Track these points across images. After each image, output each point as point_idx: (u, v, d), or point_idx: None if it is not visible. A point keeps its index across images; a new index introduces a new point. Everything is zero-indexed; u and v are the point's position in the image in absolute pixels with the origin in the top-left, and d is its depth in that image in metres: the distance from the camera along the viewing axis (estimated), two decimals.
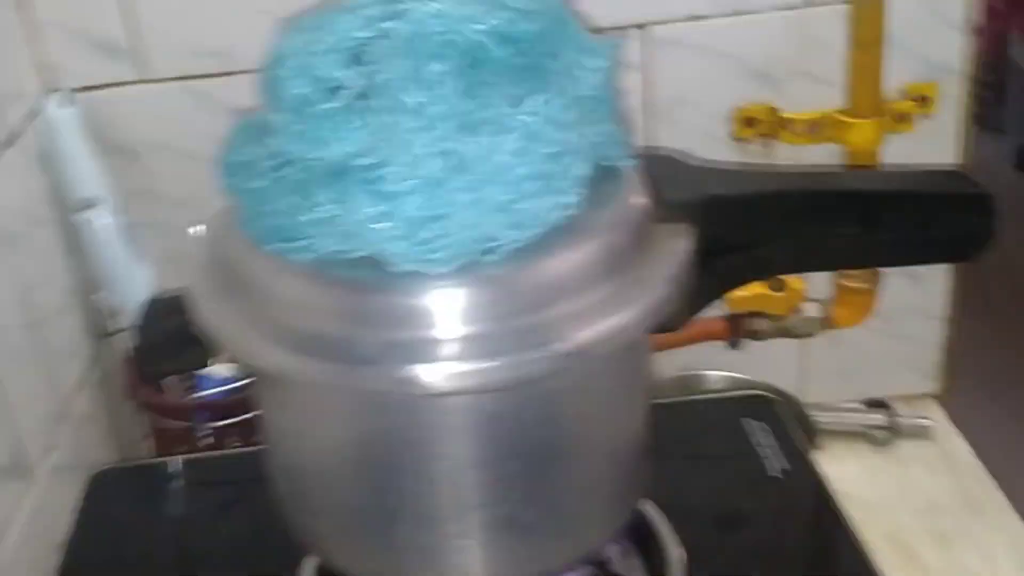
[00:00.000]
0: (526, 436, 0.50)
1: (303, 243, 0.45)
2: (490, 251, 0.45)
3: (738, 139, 0.83)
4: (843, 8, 0.74)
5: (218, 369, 0.87)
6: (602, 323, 0.47)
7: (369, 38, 0.46)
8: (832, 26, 0.78)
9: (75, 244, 0.83)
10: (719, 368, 0.91)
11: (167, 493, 0.78)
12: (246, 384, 0.83)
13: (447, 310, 0.46)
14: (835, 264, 0.65)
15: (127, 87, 0.83)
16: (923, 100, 0.80)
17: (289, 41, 0.48)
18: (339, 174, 0.44)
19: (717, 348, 0.87)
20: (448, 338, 0.46)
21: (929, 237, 0.56)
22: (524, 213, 0.44)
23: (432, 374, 0.45)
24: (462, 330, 0.46)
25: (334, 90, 0.46)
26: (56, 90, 0.81)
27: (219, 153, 0.52)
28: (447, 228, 0.43)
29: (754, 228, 0.54)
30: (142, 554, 0.69)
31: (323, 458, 0.53)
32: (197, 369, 0.67)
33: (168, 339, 0.54)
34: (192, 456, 0.82)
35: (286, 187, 0.45)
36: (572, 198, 0.46)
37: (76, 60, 0.81)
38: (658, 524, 0.64)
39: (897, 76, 0.79)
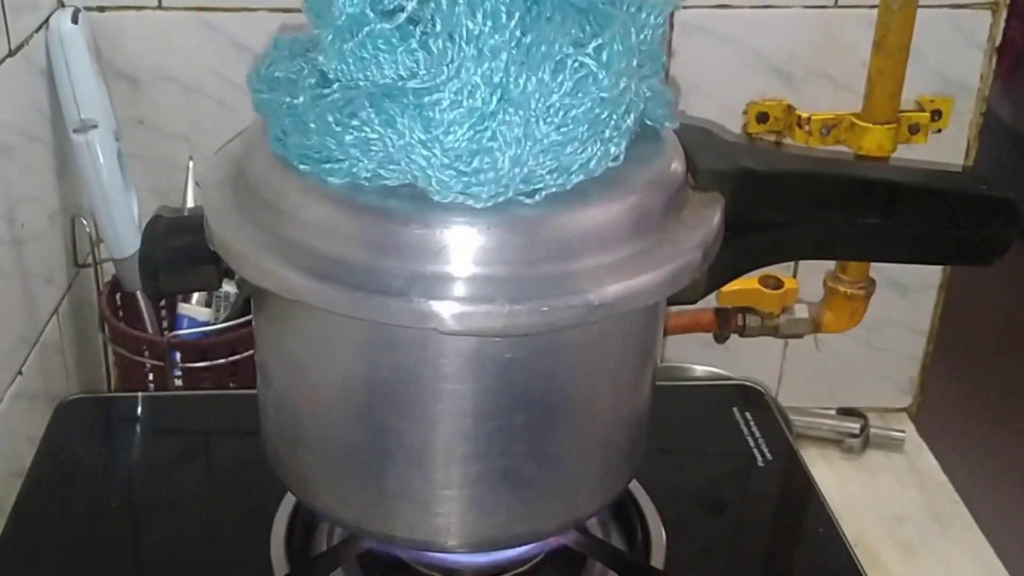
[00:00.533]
0: (535, 388, 0.50)
1: (340, 165, 0.44)
2: (531, 194, 0.44)
3: (750, 134, 0.83)
4: (870, 12, 0.74)
5: (196, 311, 0.86)
6: (630, 279, 0.46)
7: None
8: (857, 29, 0.79)
9: (65, 166, 0.81)
10: (699, 362, 0.91)
11: (133, 428, 0.77)
12: (224, 328, 0.82)
13: (476, 248, 0.45)
14: (854, 254, 0.66)
15: (139, 12, 0.81)
16: (937, 114, 0.81)
17: None
18: (387, 96, 0.43)
19: (698, 342, 0.87)
20: (473, 276, 0.45)
21: (949, 236, 0.57)
22: (570, 157, 0.44)
23: (453, 311, 0.44)
24: (489, 270, 0.45)
25: (389, 12, 0.45)
26: (67, 6, 0.79)
27: (255, 66, 0.51)
28: (493, 162, 0.43)
29: (781, 207, 0.54)
30: (101, 492, 0.67)
31: (322, 392, 0.52)
32: (207, 289, 0.66)
33: (177, 257, 0.53)
34: (161, 394, 0.81)
35: (329, 105, 0.44)
36: (617, 149, 0.46)
37: None
38: (642, 502, 0.64)
39: (913, 87, 0.79)
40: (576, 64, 0.43)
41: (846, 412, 0.92)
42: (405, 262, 0.45)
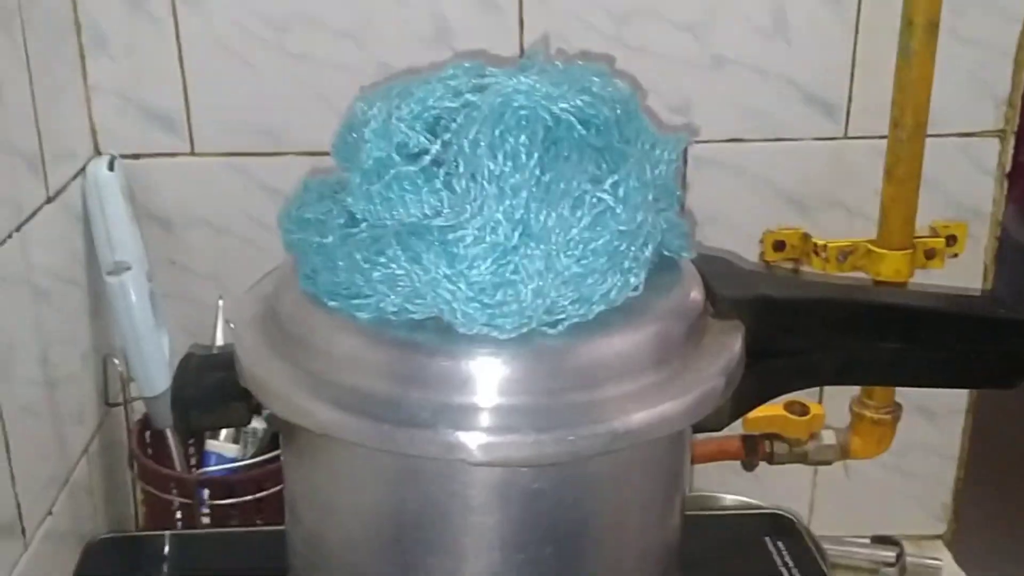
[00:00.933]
0: (563, 519, 0.49)
1: (368, 300, 0.45)
2: (554, 324, 0.45)
3: (767, 262, 0.84)
4: (880, 143, 0.77)
5: (224, 448, 0.86)
6: (654, 407, 0.47)
7: (451, 108, 0.48)
8: (868, 159, 0.81)
9: (98, 307, 0.83)
10: (728, 491, 0.90)
11: (160, 567, 0.76)
12: (251, 464, 0.82)
13: (501, 379, 0.46)
14: (876, 379, 0.66)
15: (172, 158, 0.84)
16: (952, 239, 0.82)
17: (371, 106, 0.49)
18: (413, 234, 0.44)
19: (726, 471, 0.87)
20: (499, 407, 0.46)
21: (970, 359, 0.57)
22: (591, 288, 0.45)
23: (479, 442, 0.45)
24: (514, 400, 0.46)
25: (414, 155, 0.47)
26: (104, 154, 0.82)
27: (285, 208, 0.53)
28: (516, 294, 0.44)
29: (800, 333, 0.55)
30: None
31: (351, 527, 0.52)
32: (238, 425, 0.67)
33: (208, 394, 0.54)
34: (189, 532, 0.80)
35: (357, 244, 0.46)
36: (637, 279, 0.47)
37: (126, 127, 0.83)
38: None
39: (928, 213, 0.81)
40: (594, 200, 0.45)
41: (880, 540, 0.91)
42: (432, 394, 0.46)
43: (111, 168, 0.81)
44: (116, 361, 0.85)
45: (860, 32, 0.80)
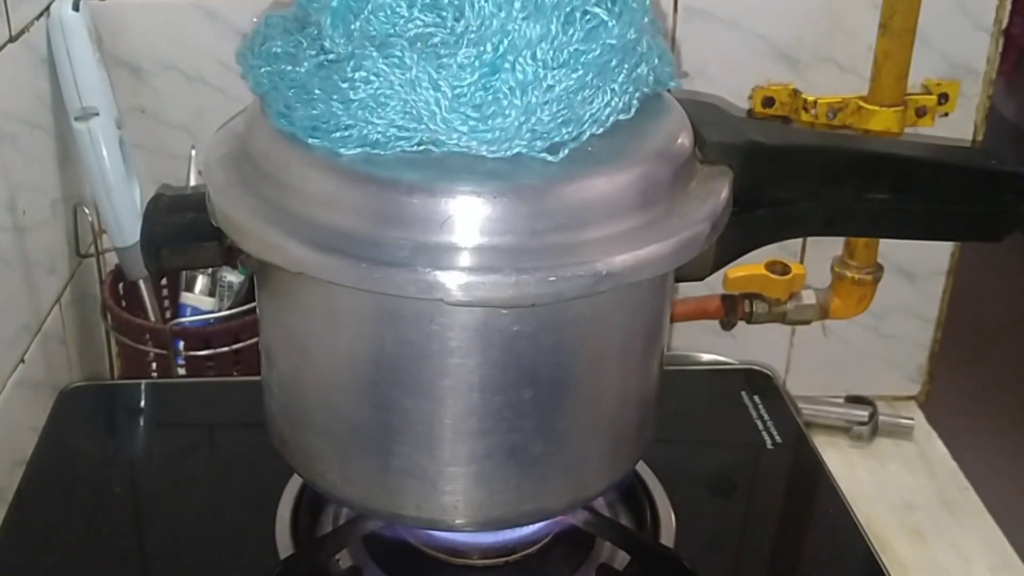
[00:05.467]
0: (543, 362, 0.49)
1: (350, 132, 0.44)
2: (553, 150, 0.44)
3: (757, 118, 0.82)
4: None
5: (200, 300, 0.85)
6: (639, 249, 0.46)
7: None
8: (862, 13, 0.78)
9: (67, 154, 0.81)
10: (706, 350, 0.90)
11: (136, 416, 0.76)
12: (227, 316, 0.82)
13: (482, 218, 0.45)
14: (863, 230, 0.65)
15: (140, 0, 0.80)
16: (944, 97, 0.81)
17: None
18: (394, 45, 0.42)
19: (705, 330, 0.86)
20: (480, 247, 0.45)
21: (959, 211, 0.56)
22: (581, 107, 0.44)
23: (459, 281, 0.44)
24: (495, 240, 0.45)
25: None
26: None
27: (247, 44, 0.50)
28: (501, 108, 0.42)
29: (789, 181, 0.54)
30: (103, 480, 0.67)
31: (327, 369, 0.51)
32: (210, 266, 0.66)
33: (179, 233, 0.52)
34: (164, 381, 0.80)
35: (335, 67, 0.44)
36: (629, 100, 0.45)
37: None
38: (651, 485, 0.63)
39: (920, 71, 0.79)
40: (587, 15, 0.43)
41: (854, 400, 0.92)
42: (410, 233, 0.45)
43: (76, 8, 0.77)
44: (87, 211, 0.83)
45: None
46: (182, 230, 0.52)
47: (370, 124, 0.43)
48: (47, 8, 0.77)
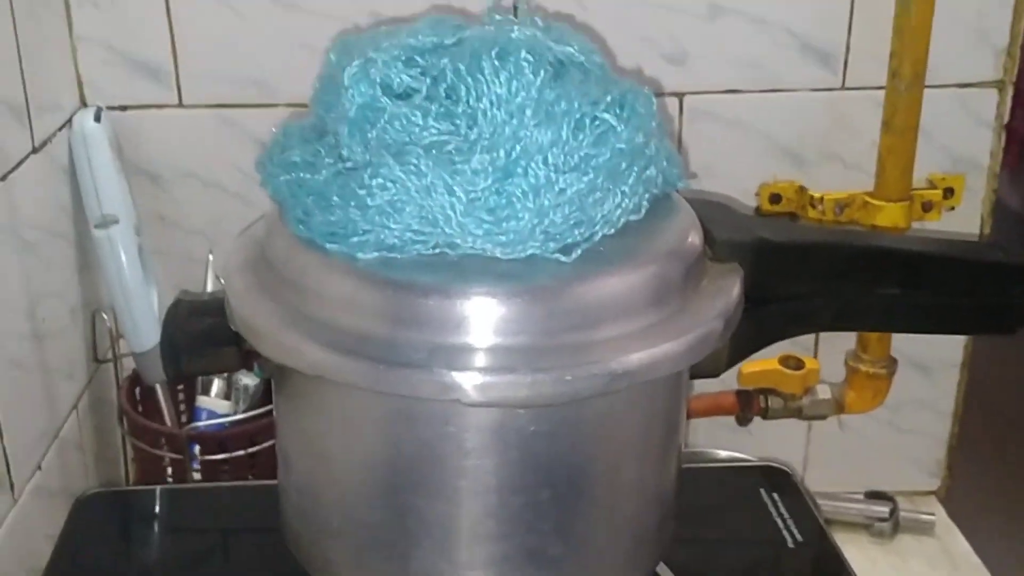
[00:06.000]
0: (560, 462, 0.49)
1: (367, 237, 0.45)
2: (566, 251, 0.45)
3: (764, 215, 0.83)
4: (877, 93, 0.76)
5: (215, 403, 0.85)
6: (652, 348, 0.46)
7: (433, 49, 0.47)
8: (865, 110, 0.80)
9: (87, 262, 0.82)
10: (723, 447, 0.90)
11: (152, 523, 0.76)
12: (243, 419, 0.82)
13: (497, 319, 0.45)
14: (873, 324, 0.65)
15: (160, 110, 0.83)
16: (949, 191, 0.82)
17: (346, 52, 0.49)
18: (410, 153, 0.43)
19: (721, 427, 0.86)
20: (495, 347, 0.45)
21: (969, 305, 0.56)
22: (593, 208, 0.45)
23: (475, 382, 0.44)
24: (510, 340, 0.45)
25: (400, 95, 0.46)
26: (90, 106, 0.81)
27: (266, 153, 0.52)
28: (514, 211, 0.43)
29: (798, 277, 0.54)
30: None
31: (344, 472, 0.52)
32: (228, 371, 0.66)
33: (199, 339, 0.53)
34: (180, 487, 0.80)
35: (352, 174, 0.45)
36: (639, 201, 0.46)
37: (113, 79, 0.82)
38: None
39: (925, 166, 0.80)
40: (596, 121, 0.44)
41: (874, 496, 0.91)
42: (426, 334, 0.45)
43: (97, 119, 0.79)
44: (105, 316, 0.84)
45: None
46: (201, 336, 0.53)
47: (387, 229, 0.44)
48: (69, 119, 0.80)
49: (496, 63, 0.44)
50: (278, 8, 0.80)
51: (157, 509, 0.76)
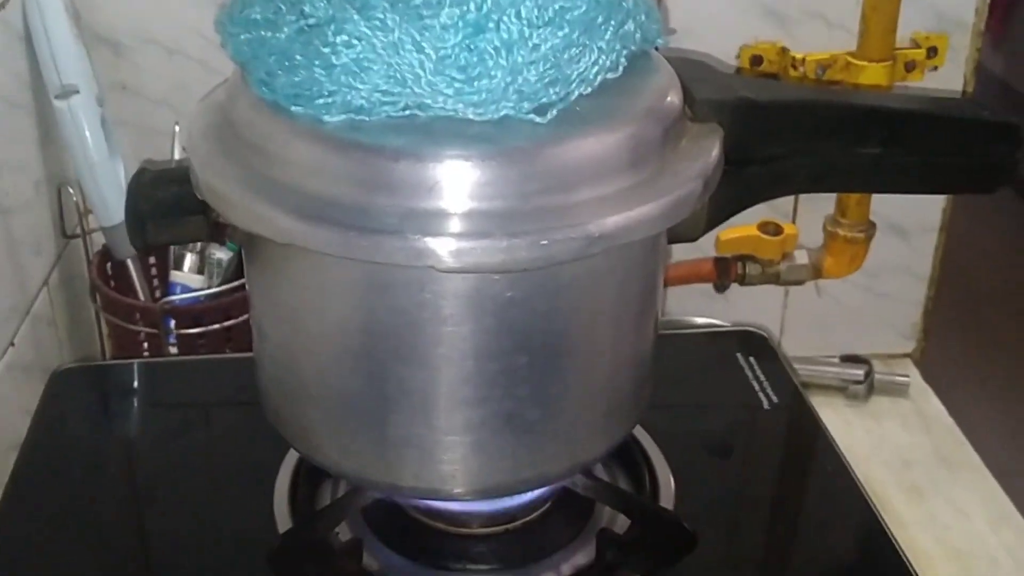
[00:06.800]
0: (537, 328, 0.49)
1: (333, 98, 0.43)
2: (541, 111, 0.43)
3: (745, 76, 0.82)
4: None
5: (189, 278, 0.84)
6: (630, 210, 0.45)
7: None
8: None
9: (49, 134, 0.80)
10: (701, 314, 0.90)
11: (129, 396, 0.76)
12: (217, 292, 0.81)
13: (471, 183, 0.44)
14: (854, 185, 0.64)
15: None
16: (933, 51, 0.80)
17: None
18: (376, 7, 0.41)
19: (698, 294, 0.86)
20: (470, 212, 0.44)
21: (951, 164, 0.55)
22: (569, 66, 0.43)
23: (449, 247, 0.43)
24: (485, 204, 0.44)
25: None
26: None
27: (226, 11, 0.49)
28: (486, 69, 0.42)
29: (779, 137, 0.53)
30: (98, 461, 0.66)
31: (319, 340, 0.51)
32: (196, 240, 0.65)
33: (165, 208, 0.52)
34: (156, 360, 0.79)
35: (316, 31, 0.43)
36: (617, 59, 0.45)
37: None
38: (649, 448, 0.63)
39: (908, 25, 0.78)
40: None
41: (849, 359, 0.92)
42: (399, 199, 0.44)
43: None
44: (71, 190, 0.82)
45: None
46: (167, 204, 0.51)
47: (354, 89, 0.43)
48: None
49: None
50: None
51: (134, 383, 0.76)
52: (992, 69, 2.44)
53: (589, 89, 0.46)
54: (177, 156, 0.82)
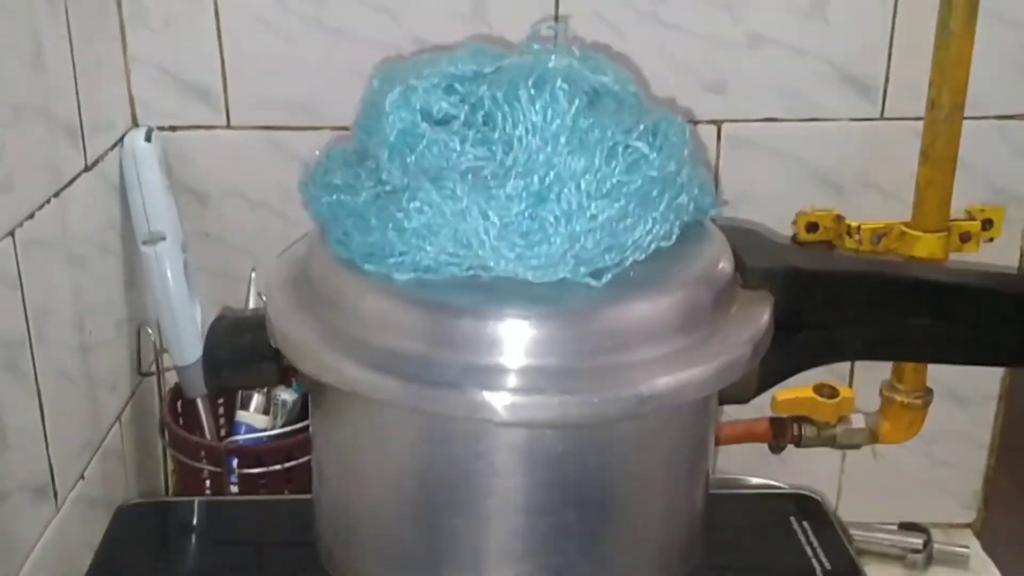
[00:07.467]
0: (587, 484, 0.50)
1: (403, 258, 0.46)
2: (597, 275, 0.46)
3: (800, 243, 0.84)
4: (916, 124, 0.76)
5: (254, 418, 0.87)
6: (679, 373, 0.47)
7: (471, 77, 0.49)
8: (904, 140, 0.80)
9: (134, 277, 0.84)
10: (755, 474, 0.90)
11: (189, 534, 0.77)
12: (281, 434, 0.83)
13: (528, 340, 0.46)
14: (905, 354, 0.65)
15: (209, 131, 0.85)
16: (988, 223, 0.81)
17: (388, 78, 0.50)
18: (448, 178, 0.45)
19: (754, 454, 0.86)
20: (527, 368, 0.46)
21: (1004, 337, 0.56)
22: (624, 235, 0.45)
23: (505, 402, 0.45)
24: (541, 362, 0.46)
25: (439, 121, 0.47)
26: (141, 126, 0.83)
27: (309, 174, 0.53)
28: (546, 235, 0.44)
29: (830, 306, 0.55)
30: None
31: (377, 487, 0.52)
32: (267, 385, 0.68)
33: (240, 354, 0.54)
34: (218, 499, 0.81)
35: (390, 197, 0.46)
36: (670, 228, 0.47)
37: (164, 100, 0.84)
38: None
39: (964, 197, 0.80)
40: (629, 149, 0.45)
41: (908, 527, 0.90)
42: (460, 354, 0.46)
43: (148, 139, 0.82)
44: (150, 331, 0.86)
45: (898, 11, 0.80)
46: (242, 350, 0.54)
47: (422, 251, 0.46)
48: (121, 139, 0.82)
49: (532, 91, 0.45)
50: (326, 34, 0.82)
51: (195, 520, 0.77)
52: None
53: (643, 255, 0.48)
54: (252, 301, 0.86)
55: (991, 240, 0.83)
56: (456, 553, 0.51)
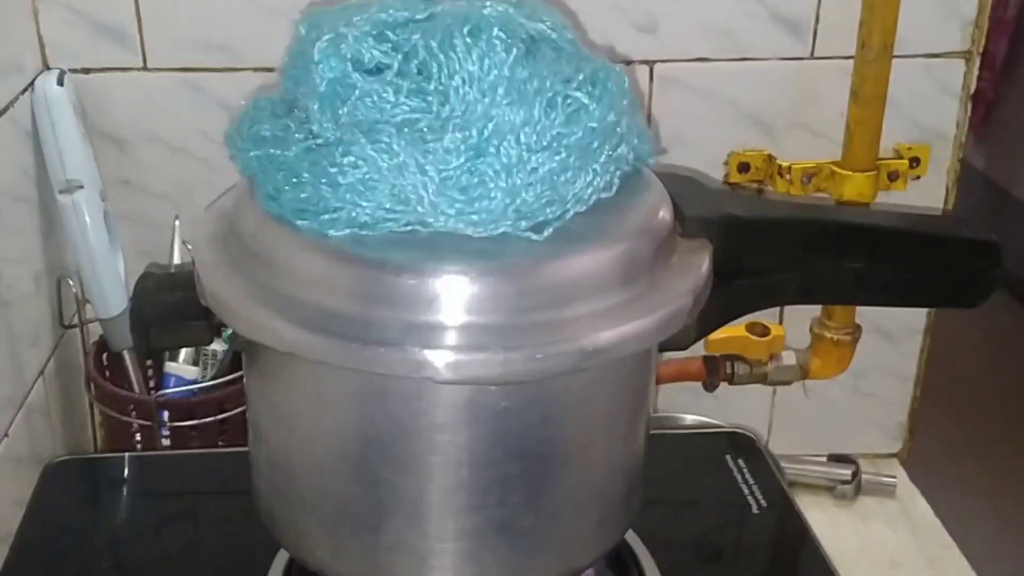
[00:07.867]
0: (530, 437, 0.50)
1: (338, 214, 0.44)
2: (538, 228, 0.45)
3: (731, 183, 0.84)
4: (846, 63, 0.76)
5: (184, 370, 0.85)
6: (623, 326, 0.47)
7: (404, 24, 0.47)
8: (834, 80, 0.80)
9: (51, 227, 0.81)
10: (689, 412, 0.91)
11: (121, 489, 0.76)
12: (212, 386, 0.82)
13: (469, 297, 0.45)
14: (839, 298, 0.66)
15: (125, 73, 0.81)
16: (915, 161, 0.82)
17: (315, 25, 0.48)
18: (381, 131, 0.43)
19: (687, 392, 0.87)
20: (467, 325, 0.45)
21: (933, 279, 0.57)
22: (565, 187, 0.45)
23: (447, 360, 0.45)
24: (482, 319, 0.45)
25: (371, 71, 0.46)
26: (53, 68, 0.80)
27: (235, 126, 0.51)
28: (487, 190, 0.44)
29: (767, 252, 0.55)
30: (89, 555, 0.66)
31: (316, 446, 0.52)
32: (198, 344, 0.66)
33: (168, 313, 0.53)
34: (149, 454, 0.80)
35: (323, 151, 0.45)
36: (610, 179, 0.47)
37: (76, 41, 0.80)
38: (639, 552, 0.64)
39: (891, 136, 0.80)
40: (568, 100, 0.44)
41: (837, 459, 0.92)
42: (399, 312, 0.45)
43: (60, 83, 0.78)
44: (71, 282, 0.83)
45: None
46: (171, 310, 0.53)
47: (358, 207, 0.44)
48: (31, 83, 0.78)
49: (468, 40, 0.44)
50: None
51: (126, 475, 0.76)
52: (975, 164, 2.49)
53: (584, 208, 0.47)
54: (177, 250, 0.83)
55: (918, 178, 0.84)
56: (399, 509, 0.51)
